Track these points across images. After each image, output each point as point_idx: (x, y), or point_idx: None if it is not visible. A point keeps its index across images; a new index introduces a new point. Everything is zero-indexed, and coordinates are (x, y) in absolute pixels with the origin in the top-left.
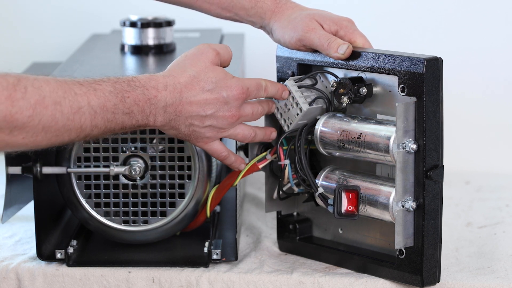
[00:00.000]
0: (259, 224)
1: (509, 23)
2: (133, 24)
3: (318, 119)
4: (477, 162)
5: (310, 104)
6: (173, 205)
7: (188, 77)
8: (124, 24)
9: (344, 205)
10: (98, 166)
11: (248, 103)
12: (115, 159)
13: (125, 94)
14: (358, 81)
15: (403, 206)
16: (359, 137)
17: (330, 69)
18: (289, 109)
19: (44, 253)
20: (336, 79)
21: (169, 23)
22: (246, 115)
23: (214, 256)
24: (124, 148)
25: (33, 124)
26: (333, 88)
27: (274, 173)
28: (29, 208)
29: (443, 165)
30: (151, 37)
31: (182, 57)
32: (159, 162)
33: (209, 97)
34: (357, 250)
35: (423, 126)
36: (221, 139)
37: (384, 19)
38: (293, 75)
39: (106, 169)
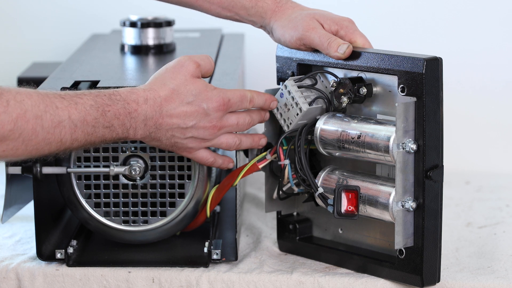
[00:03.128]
0: (259, 224)
1: (509, 24)
2: (133, 24)
3: (318, 119)
4: (477, 162)
5: (310, 104)
6: (173, 205)
7: (168, 91)
8: (124, 24)
9: (344, 205)
10: (98, 166)
11: (234, 114)
12: (115, 159)
13: (105, 108)
14: (358, 81)
15: (403, 206)
16: (359, 137)
17: (330, 69)
18: (289, 109)
19: (44, 253)
20: (336, 79)
21: (169, 23)
22: (230, 126)
23: (214, 256)
24: (124, 148)
25: (13, 138)
26: (333, 88)
27: (274, 173)
28: (29, 208)
29: (443, 165)
30: (151, 37)
31: (163, 69)
32: (159, 162)
33: (189, 109)
34: (357, 250)
35: (423, 126)
36: None
37: (384, 19)
38: (293, 75)
39: (106, 169)
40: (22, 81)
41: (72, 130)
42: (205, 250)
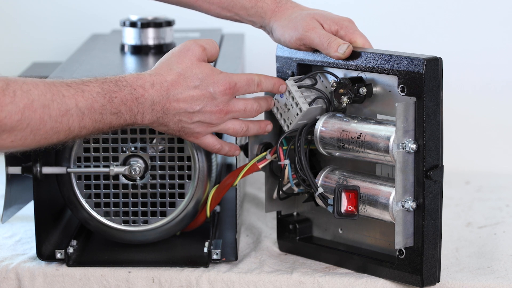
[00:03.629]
0: (259, 224)
1: (509, 24)
2: (133, 24)
3: (318, 119)
4: (477, 162)
5: (310, 104)
6: (173, 205)
7: (175, 75)
8: (124, 24)
9: (344, 205)
10: (98, 166)
11: (241, 99)
12: (115, 159)
13: (112, 95)
14: (358, 81)
15: (403, 206)
16: (359, 137)
17: (330, 69)
18: (289, 109)
19: (44, 253)
20: (336, 79)
21: (169, 23)
22: (237, 111)
23: (214, 256)
24: (124, 148)
25: (21, 128)
26: (333, 88)
27: (274, 173)
28: (29, 208)
29: (443, 165)
30: (151, 37)
31: (169, 54)
32: (159, 162)
33: (196, 93)
34: (357, 250)
35: (423, 126)
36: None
37: (384, 19)
38: (293, 75)
39: (106, 169)
40: None
41: (80, 118)
42: (205, 250)
